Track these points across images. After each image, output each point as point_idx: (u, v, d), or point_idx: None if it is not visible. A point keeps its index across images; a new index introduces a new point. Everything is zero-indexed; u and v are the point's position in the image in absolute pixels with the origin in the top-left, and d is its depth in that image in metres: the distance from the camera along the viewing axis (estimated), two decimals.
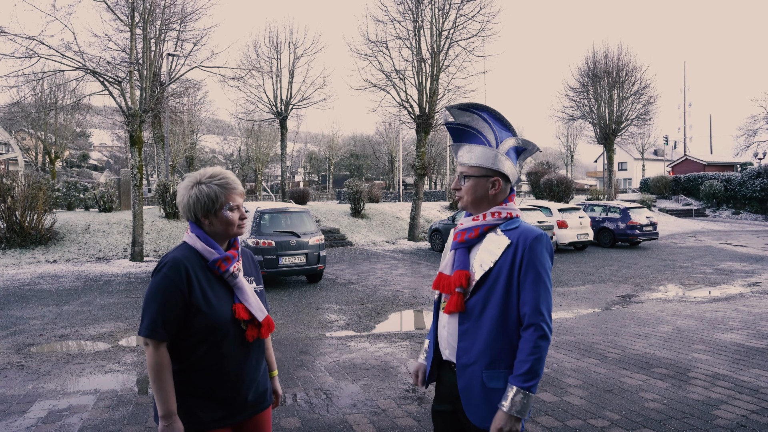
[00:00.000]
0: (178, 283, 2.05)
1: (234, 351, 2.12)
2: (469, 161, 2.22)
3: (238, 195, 2.18)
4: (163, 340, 2.04)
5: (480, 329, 2.11)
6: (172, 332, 2.06)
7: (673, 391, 5.06)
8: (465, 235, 2.21)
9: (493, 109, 2.27)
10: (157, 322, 2.02)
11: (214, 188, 2.13)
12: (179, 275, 2.05)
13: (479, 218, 2.20)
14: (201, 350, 2.08)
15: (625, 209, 19.20)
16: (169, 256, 2.12)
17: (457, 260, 2.21)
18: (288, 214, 11.46)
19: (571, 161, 63.47)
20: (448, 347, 2.21)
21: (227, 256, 2.14)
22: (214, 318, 2.07)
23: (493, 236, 2.17)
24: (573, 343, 6.89)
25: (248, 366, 2.18)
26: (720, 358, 6.16)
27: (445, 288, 2.19)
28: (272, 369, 2.48)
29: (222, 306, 2.10)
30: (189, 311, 2.06)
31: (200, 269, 2.11)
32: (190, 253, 2.14)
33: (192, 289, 2.07)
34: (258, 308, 2.16)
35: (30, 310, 9.13)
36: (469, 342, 2.12)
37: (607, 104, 30.06)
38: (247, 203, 22.75)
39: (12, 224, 14.49)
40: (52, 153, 42.78)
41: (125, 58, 15.95)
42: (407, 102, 19.71)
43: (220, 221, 2.15)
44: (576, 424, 4.34)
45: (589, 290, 11.20)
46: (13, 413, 4.65)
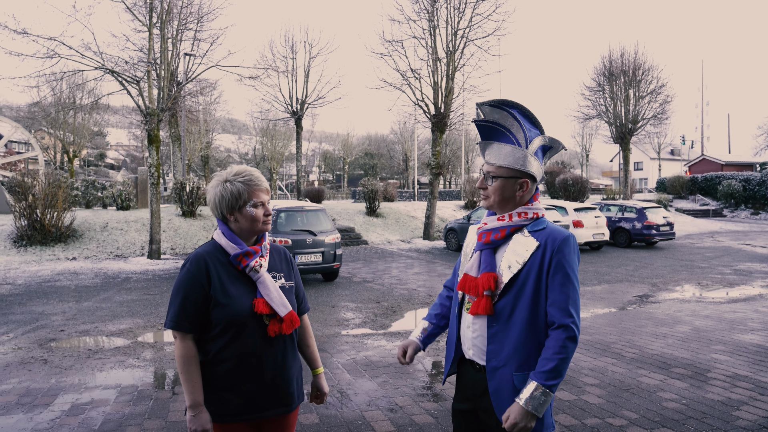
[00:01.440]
0: (198, 278, 2.12)
1: (255, 345, 2.14)
2: (498, 161, 2.17)
3: (262, 192, 2.20)
4: (187, 331, 2.11)
5: (509, 332, 2.09)
6: (196, 324, 2.12)
7: (692, 392, 5.03)
8: (491, 236, 2.17)
9: (523, 106, 2.23)
10: (180, 314, 2.11)
11: (238, 185, 2.17)
12: (200, 270, 2.13)
13: (505, 218, 2.16)
14: (222, 342, 2.13)
15: (641, 209, 19.04)
16: (194, 252, 2.21)
17: (483, 262, 2.17)
18: (304, 212, 11.54)
19: (586, 161, 63.01)
20: (472, 348, 2.19)
21: (248, 251, 2.17)
22: (233, 311, 2.11)
23: (520, 237, 2.14)
24: (590, 342, 6.86)
25: (271, 362, 2.18)
26: (740, 359, 6.11)
27: (473, 290, 2.15)
28: (315, 366, 2.48)
29: (241, 299, 2.13)
30: (210, 304, 2.12)
31: (223, 264, 2.17)
32: (215, 249, 2.20)
33: (211, 282, 2.12)
34: (280, 303, 2.16)
35: (51, 306, 9.28)
36: (499, 345, 2.10)
37: (624, 103, 29.81)
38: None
39: (33, 222, 14.72)
40: (70, 152, 43.35)
41: (143, 57, 16.09)
42: (422, 101, 19.72)
43: (245, 218, 2.18)
44: (594, 422, 4.34)
45: (605, 290, 11.14)
46: (38, 405, 4.74)
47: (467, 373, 2.25)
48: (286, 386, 2.25)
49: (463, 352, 2.27)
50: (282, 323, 2.16)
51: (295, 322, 2.21)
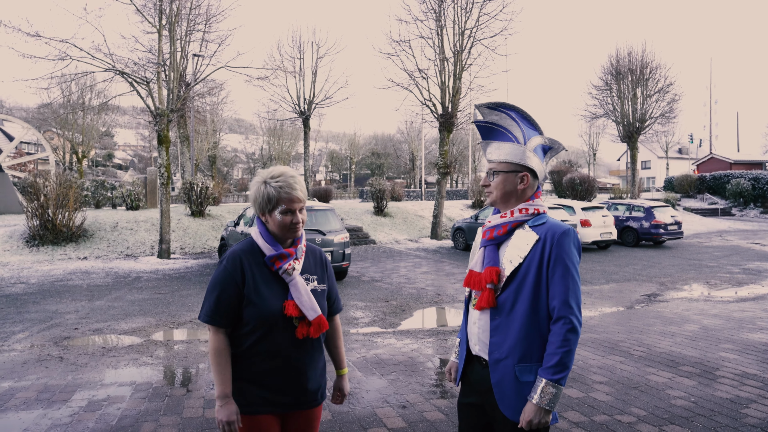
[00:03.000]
0: (234, 275, 2.19)
1: (283, 345, 2.21)
2: (498, 157, 2.26)
3: (293, 200, 2.22)
4: (220, 326, 2.20)
5: (511, 324, 2.13)
6: (229, 320, 2.20)
7: (701, 389, 5.07)
8: (494, 233, 2.24)
9: (520, 108, 2.31)
10: (214, 309, 2.20)
11: (270, 189, 2.21)
12: (235, 268, 2.20)
13: (507, 215, 2.23)
14: (252, 339, 2.20)
15: (648, 208, 19.02)
16: (231, 250, 2.29)
17: (487, 257, 2.24)
18: (313, 212, 11.62)
19: (593, 160, 62.85)
20: (478, 343, 2.24)
21: (282, 253, 2.22)
22: (264, 311, 2.17)
23: (521, 232, 2.20)
24: (598, 341, 6.91)
25: (298, 361, 2.24)
26: (749, 358, 6.14)
27: (476, 285, 2.21)
28: (340, 367, 2.54)
29: (273, 300, 2.19)
30: (242, 302, 2.20)
31: (258, 264, 2.24)
32: (252, 248, 2.27)
33: (246, 281, 2.19)
34: (309, 307, 2.20)
35: (64, 305, 9.41)
36: (501, 337, 2.15)
37: (631, 102, 29.74)
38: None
39: (45, 222, 14.88)
40: (79, 152, 43.68)
41: (151, 58, 16.22)
42: (430, 101, 19.77)
43: (274, 222, 2.24)
44: (603, 419, 4.39)
45: (613, 289, 11.16)
46: (56, 401, 4.84)
47: (474, 369, 2.30)
48: (310, 384, 2.30)
49: (470, 349, 2.32)
50: (310, 327, 2.21)
51: (323, 326, 2.24)
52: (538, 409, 2.03)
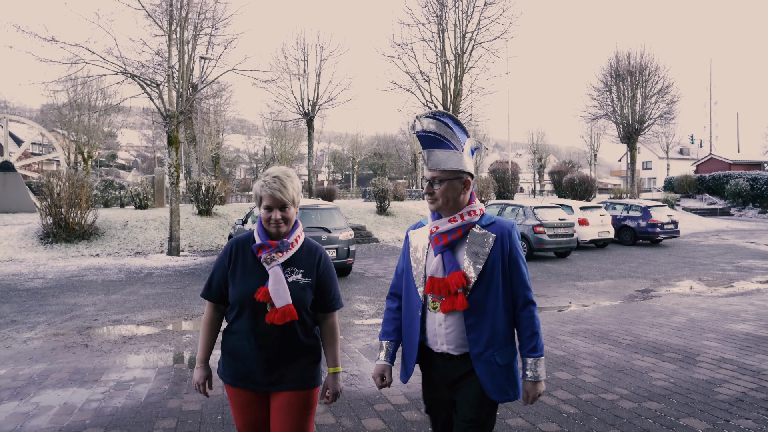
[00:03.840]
0: (224, 258, 2.50)
1: (253, 326, 2.39)
2: (441, 166, 2.36)
3: (267, 198, 2.38)
4: (210, 300, 2.55)
5: (485, 319, 2.31)
6: (217, 296, 2.52)
7: (680, 372, 5.50)
8: (448, 237, 2.36)
9: (452, 114, 2.48)
10: (207, 286, 2.55)
11: (257, 185, 2.43)
12: (227, 251, 2.51)
13: (457, 219, 2.37)
14: (232, 316, 2.48)
15: (646, 208, 19.44)
16: (234, 237, 2.61)
17: (448, 263, 2.32)
18: (319, 210, 12.07)
19: (594, 160, 63.21)
20: (446, 342, 2.35)
21: (264, 244, 2.40)
22: (240, 292, 2.40)
23: (475, 233, 2.36)
24: (589, 331, 7.33)
25: (266, 344, 2.40)
26: (728, 345, 6.56)
27: (443, 291, 2.29)
28: (331, 365, 2.59)
29: (249, 284, 2.40)
30: (230, 281, 2.48)
31: (248, 251, 2.48)
32: (249, 237, 2.52)
33: (232, 264, 2.47)
34: (277, 296, 2.34)
35: (82, 298, 9.86)
36: (477, 333, 2.30)
37: (630, 103, 30.15)
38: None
39: (58, 220, 15.34)
40: (85, 153, 44.17)
41: (159, 61, 16.68)
42: (431, 102, 20.23)
43: (260, 215, 2.45)
44: (588, 397, 4.82)
45: (608, 285, 11.58)
46: (88, 381, 5.29)
47: (437, 365, 2.42)
48: (287, 367, 2.44)
49: (429, 348, 2.43)
50: (276, 314, 2.34)
51: (289, 315, 2.35)
52: (534, 384, 2.34)
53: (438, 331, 2.35)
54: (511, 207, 16.92)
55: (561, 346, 6.56)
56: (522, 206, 16.49)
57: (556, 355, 6.20)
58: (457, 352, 2.34)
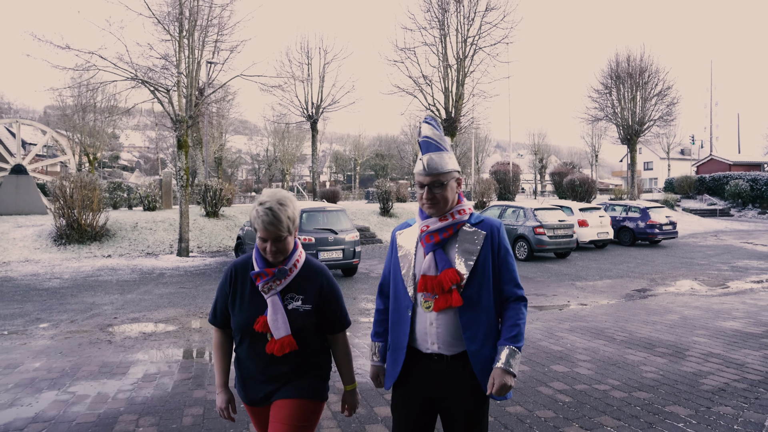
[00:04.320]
0: (224, 284, 2.47)
1: (254, 354, 2.39)
2: (441, 169, 2.35)
3: (263, 231, 2.31)
4: (216, 326, 2.54)
5: (480, 315, 2.31)
6: (223, 322, 2.51)
7: (669, 366, 5.88)
8: (440, 236, 2.36)
9: (432, 116, 2.58)
10: (213, 312, 2.55)
11: (254, 214, 2.34)
12: (227, 277, 2.47)
13: (448, 218, 2.37)
14: (236, 341, 2.49)
15: (644, 209, 19.82)
16: (234, 261, 2.54)
17: (440, 261, 2.32)
18: (325, 212, 12.48)
19: (595, 161, 63.57)
20: (438, 341, 2.33)
21: (261, 272, 2.34)
22: (239, 321, 2.39)
23: (466, 231, 2.39)
24: (586, 328, 7.72)
25: (271, 371, 2.38)
26: (717, 341, 6.93)
27: (437, 288, 2.28)
28: (346, 382, 2.58)
29: (249, 314, 2.37)
30: (230, 309, 2.47)
31: (249, 278, 2.43)
32: (248, 260, 2.47)
33: (233, 291, 2.44)
34: (276, 327, 2.30)
35: (99, 297, 10.26)
36: (474, 330, 2.30)
37: (630, 105, 30.51)
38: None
39: (71, 222, 15.76)
40: (90, 155, 44.63)
41: (166, 65, 17.09)
42: (434, 106, 20.63)
43: (257, 242, 2.40)
44: (582, 387, 5.20)
45: (606, 285, 11.95)
46: (116, 374, 5.69)
47: (424, 365, 2.38)
48: (292, 381, 2.42)
49: (416, 350, 2.39)
50: (275, 345, 2.31)
51: (288, 346, 2.31)
52: (503, 371, 2.25)
53: (429, 330, 2.33)
54: (512, 209, 17.30)
55: (558, 342, 6.94)
56: (522, 208, 16.87)
57: (554, 350, 6.58)
58: (450, 352, 2.32)
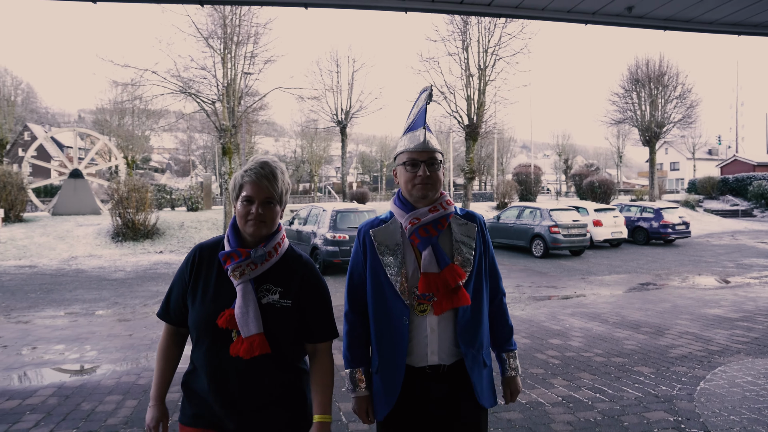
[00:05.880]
0: (183, 270, 1.98)
1: (214, 360, 1.87)
2: (438, 145, 2.12)
3: (252, 187, 1.88)
4: (168, 322, 2.02)
5: (477, 315, 2.10)
6: (176, 317, 1.99)
7: (648, 341, 7.07)
8: (433, 228, 2.07)
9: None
10: (164, 304, 2.03)
11: (238, 173, 1.95)
12: (187, 262, 1.98)
13: (438, 209, 2.09)
14: (193, 344, 1.96)
15: (658, 209, 20.79)
16: (202, 241, 2.06)
17: (440, 255, 2.04)
18: (357, 212, 13.86)
19: (619, 161, 63.92)
20: (438, 351, 2.06)
21: (233, 252, 1.87)
22: (197, 315, 1.89)
23: (457, 223, 2.14)
24: (585, 313, 8.93)
25: (232, 386, 1.87)
26: (696, 323, 8.08)
27: (442, 286, 2.00)
28: (317, 411, 1.96)
29: (213, 305, 1.87)
30: (188, 299, 1.96)
31: (217, 261, 1.94)
32: (218, 241, 2.01)
33: (194, 278, 1.95)
34: (245, 321, 1.81)
35: (161, 287, 11.80)
36: (472, 332, 2.08)
37: (650, 108, 31.33)
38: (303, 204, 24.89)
39: (126, 221, 17.45)
40: (128, 157, 46.80)
41: (205, 75, 18.68)
42: (456, 113, 21.88)
43: (236, 212, 1.92)
44: (571, 354, 6.45)
45: (613, 279, 13.09)
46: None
47: (420, 382, 2.08)
48: (262, 414, 1.91)
49: (409, 365, 2.08)
50: (242, 345, 1.81)
51: (258, 347, 1.81)
52: (517, 378, 2.22)
53: (430, 339, 2.05)
54: (529, 209, 18.50)
55: (558, 323, 8.18)
56: (539, 208, 18.07)
57: (554, 328, 7.82)
58: (450, 361, 2.07)
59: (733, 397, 4.88)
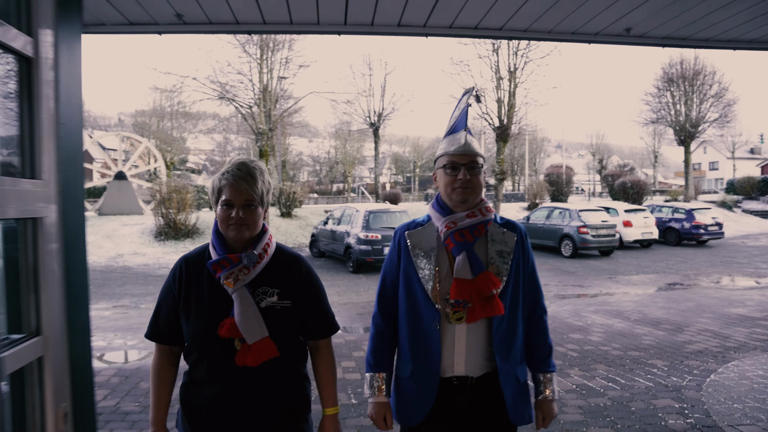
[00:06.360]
0: (170, 286, 1.91)
1: (220, 373, 1.82)
2: (479, 149, 2.09)
3: (231, 190, 1.81)
4: (158, 342, 1.93)
5: (513, 327, 2.05)
6: (167, 336, 1.91)
7: (666, 337, 7.35)
8: (471, 234, 2.02)
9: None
10: (153, 323, 1.94)
11: (216, 176, 1.87)
12: (173, 276, 1.91)
13: (477, 214, 2.04)
14: (190, 362, 1.89)
15: (689, 210, 20.72)
16: (185, 253, 2.00)
17: (474, 262, 2.00)
18: (389, 213, 14.37)
19: (655, 161, 62.94)
20: (466, 362, 2.02)
21: (223, 259, 1.80)
22: (195, 329, 1.83)
23: (495, 230, 2.09)
24: (608, 311, 9.21)
25: (240, 399, 1.82)
26: (717, 322, 8.29)
27: (475, 294, 1.95)
28: (326, 405, 2.00)
29: (209, 317, 1.82)
30: (182, 316, 1.88)
31: (203, 271, 1.88)
32: (204, 252, 1.93)
33: (184, 293, 1.87)
34: (248, 327, 1.76)
35: None
36: (507, 344, 2.02)
37: (684, 108, 31.01)
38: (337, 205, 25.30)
39: (168, 221, 18.30)
40: (167, 159, 48.30)
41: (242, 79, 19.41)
42: (487, 115, 22.19)
43: (218, 217, 1.86)
44: (589, 348, 6.79)
45: (640, 279, 13.26)
46: None
47: (447, 394, 2.04)
48: (260, 423, 1.86)
49: (441, 374, 2.03)
50: (249, 352, 1.77)
51: (267, 352, 1.78)
52: (555, 402, 2.11)
53: (457, 348, 2.00)
54: (558, 210, 18.73)
55: (581, 319, 8.49)
56: (568, 209, 18.29)
57: (576, 324, 8.14)
58: (478, 373, 2.02)
59: (740, 389, 5.18)
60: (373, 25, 3.69)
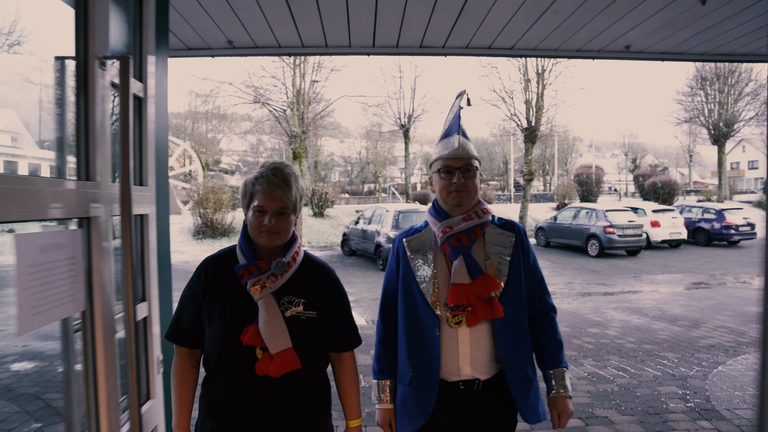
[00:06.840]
0: (194, 285, 1.86)
1: (240, 380, 1.77)
2: (474, 151, 2.09)
3: (264, 197, 1.76)
4: (179, 344, 1.89)
5: (516, 326, 2.05)
6: (189, 338, 1.87)
7: (682, 332, 7.64)
8: (467, 237, 2.03)
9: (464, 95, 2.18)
10: (174, 324, 1.90)
11: (249, 179, 1.83)
12: (198, 276, 1.87)
13: (473, 217, 2.06)
14: (209, 366, 1.85)
15: (720, 210, 20.64)
16: (208, 256, 1.95)
17: (472, 265, 2.00)
18: (419, 213, 14.85)
19: (690, 160, 61.86)
20: (471, 365, 2.01)
21: (251, 265, 1.77)
22: (218, 334, 1.79)
23: (493, 232, 2.09)
24: (628, 308, 9.51)
25: (259, 406, 1.78)
26: (735, 319, 8.52)
27: (473, 298, 1.95)
28: (350, 417, 1.98)
29: (233, 322, 1.77)
30: (204, 318, 1.84)
31: (230, 275, 1.83)
32: (229, 253, 1.91)
33: (210, 293, 1.83)
34: (272, 337, 1.71)
35: None
36: (513, 344, 2.02)
37: (718, 106, 30.67)
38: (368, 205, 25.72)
39: (205, 221, 19.11)
40: (202, 160, 49.56)
41: (275, 83, 20.09)
42: (515, 116, 22.48)
43: (248, 222, 1.82)
44: (605, 341, 7.15)
45: (665, 278, 13.43)
46: None
47: (451, 397, 2.03)
48: (288, 427, 1.81)
49: (442, 379, 2.03)
50: (272, 361, 1.72)
51: (290, 363, 1.73)
52: (570, 399, 2.06)
53: (462, 351, 2.00)
54: (585, 210, 18.93)
55: (600, 315, 8.83)
56: (594, 209, 18.48)
57: (594, 320, 8.49)
58: (486, 376, 2.02)
59: (744, 379, 5.51)
60: (398, 47, 4.19)
